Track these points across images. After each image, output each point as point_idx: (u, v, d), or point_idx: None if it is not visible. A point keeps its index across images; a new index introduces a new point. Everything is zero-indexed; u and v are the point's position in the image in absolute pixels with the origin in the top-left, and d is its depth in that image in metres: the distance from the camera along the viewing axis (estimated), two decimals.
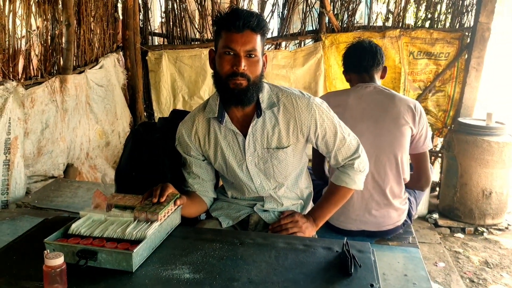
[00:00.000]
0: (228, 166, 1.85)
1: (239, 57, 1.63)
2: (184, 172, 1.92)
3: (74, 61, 3.51)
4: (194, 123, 1.84)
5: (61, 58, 3.33)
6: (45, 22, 3.18)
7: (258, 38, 1.66)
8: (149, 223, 1.51)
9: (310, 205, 2.04)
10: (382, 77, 2.35)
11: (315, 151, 2.06)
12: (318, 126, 1.78)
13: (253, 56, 1.66)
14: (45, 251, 1.29)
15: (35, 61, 3.11)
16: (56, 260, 1.24)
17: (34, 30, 3.08)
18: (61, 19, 3.28)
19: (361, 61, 2.31)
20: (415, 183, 2.33)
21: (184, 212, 1.77)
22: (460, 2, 4.16)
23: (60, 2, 3.26)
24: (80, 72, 3.53)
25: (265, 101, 1.76)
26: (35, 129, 2.98)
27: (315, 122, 1.77)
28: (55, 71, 3.32)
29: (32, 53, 3.07)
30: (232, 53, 1.64)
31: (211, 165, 1.92)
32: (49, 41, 3.24)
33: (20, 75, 2.98)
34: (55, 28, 3.28)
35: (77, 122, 3.46)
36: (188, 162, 1.89)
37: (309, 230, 1.86)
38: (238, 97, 1.68)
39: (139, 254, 1.38)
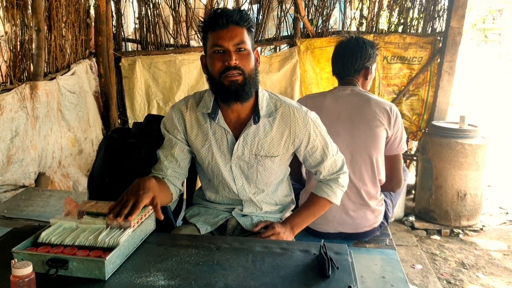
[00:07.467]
0: (213, 162, 1.82)
1: (229, 52, 1.62)
2: (160, 154, 1.84)
3: (45, 68, 3.43)
4: (186, 109, 1.81)
5: (31, 64, 3.26)
6: (14, 27, 3.11)
7: (245, 32, 1.65)
8: (122, 229, 1.47)
9: (289, 211, 2.03)
10: (365, 77, 2.35)
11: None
12: (311, 141, 1.79)
13: (243, 49, 1.64)
14: (13, 261, 1.24)
15: (3, 67, 3.04)
16: (24, 270, 1.18)
17: (2, 36, 3.00)
18: (31, 24, 3.21)
19: (334, 69, 2.37)
20: (387, 184, 2.34)
21: None
22: (432, 7, 4.22)
23: (30, 7, 3.19)
24: (52, 79, 3.46)
25: (264, 109, 1.75)
26: (4, 137, 2.90)
27: (308, 136, 1.78)
28: (25, 78, 3.24)
29: (0, 59, 3.00)
30: (221, 51, 1.63)
31: (191, 156, 1.89)
32: (18, 46, 3.16)
33: None
34: (25, 34, 3.21)
35: (48, 129, 3.38)
36: (172, 143, 1.82)
37: (289, 239, 1.84)
38: (235, 93, 1.66)
39: (112, 262, 1.34)
